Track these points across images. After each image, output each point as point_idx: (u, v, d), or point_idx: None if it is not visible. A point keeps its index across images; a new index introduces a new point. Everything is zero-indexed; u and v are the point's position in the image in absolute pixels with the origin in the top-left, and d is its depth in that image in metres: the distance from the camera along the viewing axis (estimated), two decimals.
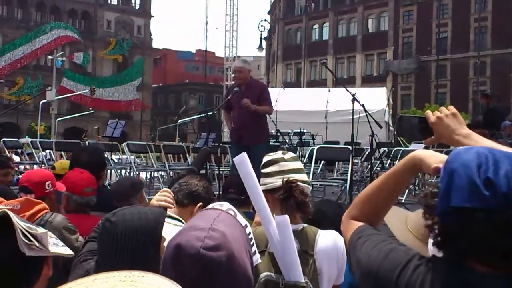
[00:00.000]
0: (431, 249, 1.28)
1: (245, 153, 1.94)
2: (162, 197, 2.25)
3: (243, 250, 1.28)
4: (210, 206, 1.44)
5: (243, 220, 1.44)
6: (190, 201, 2.46)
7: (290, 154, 2.40)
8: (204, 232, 1.22)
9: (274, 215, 1.98)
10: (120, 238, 1.67)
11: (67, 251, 1.74)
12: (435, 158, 1.33)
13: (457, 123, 1.60)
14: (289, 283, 1.95)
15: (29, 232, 1.59)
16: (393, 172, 1.44)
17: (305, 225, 2.26)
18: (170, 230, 1.67)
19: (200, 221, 1.29)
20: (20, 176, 5.12)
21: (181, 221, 2.04)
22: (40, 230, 1.66)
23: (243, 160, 1.89)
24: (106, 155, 8.57)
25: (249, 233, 1.45)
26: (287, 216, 1.90)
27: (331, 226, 2.34)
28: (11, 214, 1.61)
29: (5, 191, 3.49)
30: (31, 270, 1.63)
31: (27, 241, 1.57)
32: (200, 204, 2.41)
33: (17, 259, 1.58)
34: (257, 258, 1.55)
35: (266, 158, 2.39)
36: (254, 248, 1.54)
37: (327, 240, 2.21)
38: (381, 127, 7.59)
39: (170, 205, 2.19)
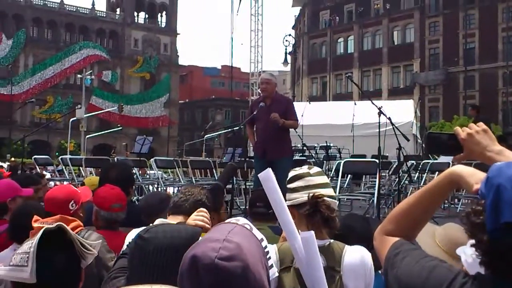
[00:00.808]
0: (467, 265, 1.26)
1: (270, 169, 1.95)
2: (200, 216, 2.24)
3: (259, 262, 1.28)
4: (226, 221, 1.46)
5: (259, 234, 1.45)
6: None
7: (316, 169, 2.37)
8: (219, 243, 1.23)
9: (299, 230, 1.98)
10: (151, 256, 1.70)
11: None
12: (476, 177, 1.30)
13: (488, 139, 1.58)
14: None
15: (86, 242, 1.71)
16: (430, 187, 1.42)
17: (332, 240, 2.24)
18: None
19: (215, 233, 1.31)
20: None
21: None
22: (90, 241, 1.77)
23: (268, 176, 1.89)
24: (134, 171, 8.66)
25: (265, 246, 1.45)
26: (312, 232, 1.89)
27: (358, 241, 2.32)
28: (67, 227, 1.70)
29: (36, 208, 3.56)
30: (77, 280, 1.74)
31: (86, 251, 1.67)
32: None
33: (71, 270, 1.67)
34: (274, 272, 1.55)
35: (291, 173, 2.37)
36: (271, 261, 1.54)
37: (354, 256, 2.18)
38: (408, 140, 7.52)
39: (207, 225, 2.18)
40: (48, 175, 11.50)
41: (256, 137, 7.16)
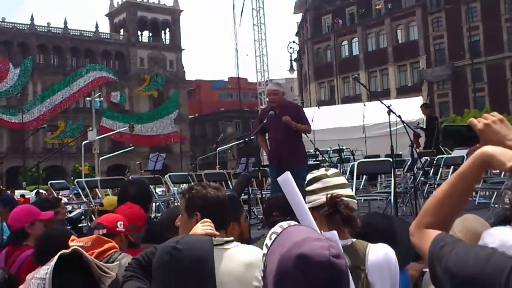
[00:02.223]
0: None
1: (289, 172, 1.97)
2: (207, 226, 2.28)
3: None
4: (277, 225, 1.47)
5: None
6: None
7: (332, 170, 2.39)
8: (326, 242, 1.26)
9: (322, 231, 1.99)
10: (189, 265, 1.75)
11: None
12: (508, 155, 1.30)
13: (506, 128, 1.57)
14: None
15: (104, 266, 1.70)
16: (463, 171, 1.40)
17: (355, 239, 2.25)
18: None
19: (304, 234, 1.32)
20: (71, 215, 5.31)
21: None
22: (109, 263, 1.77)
23: (287, 179, 1.91)
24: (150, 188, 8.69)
25: None
26: (335, 232, 1.91)
27: (381, 239, 2.33)
28: (83, 251, 1.70)
29: (62, 231, 3.61)
30: None
31: (105, 274, 1.67)
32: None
33: None
34: None
35: (309, 176, 2.39)
36: None
37: (378, 254, 2.19)
38: (432, 134, 7.48)
39: (216, 233, 2.24)
40: (64, 199, 11.60)
41: (269, 146, 7.18)
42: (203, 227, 2.28)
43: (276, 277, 1.25)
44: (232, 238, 2.46)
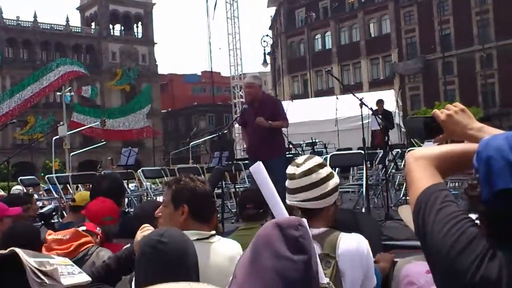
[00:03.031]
0: None
1: (261, 162, 1.96)
2: (148, 231, 2.27)
3: None
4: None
5: None
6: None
7: (303, 168, 2.32)
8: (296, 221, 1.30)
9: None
10: (173, 258, 1.76)
11: (84, 278, 1.77)
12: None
13: (467, 118, 1.60)
14: None
15: (39, 270, 1.61)
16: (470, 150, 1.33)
17: (328, 228, 2.27)
18: None
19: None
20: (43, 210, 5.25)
21: None
22: (50, 266, 1.68)
23: (258, 168, 1.91)
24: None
25: None
26: (304, 219, 1.92)
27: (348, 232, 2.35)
28: (21, 253, 1.63)
29: (27, 226, 3.55)
30: None
31: (37, 280, 1.59)
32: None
33: None
34: None
35: (287, 170, 2.39)
36: None
37: (350, 243, 2.21)
38: (391, 128, 7.56)
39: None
40: (35, 196, 11.40)
41: (247, 139, 7.17)
42: (144, 232, 2.28)
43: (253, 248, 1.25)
44: (214, 232, 2.45)
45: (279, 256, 1.16)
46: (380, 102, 12.36)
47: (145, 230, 2.29)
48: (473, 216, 1.21)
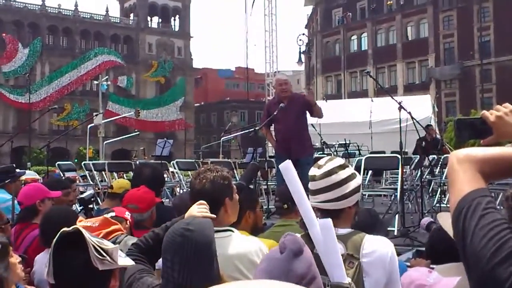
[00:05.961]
0: None
1: (289, 160, 2.02)
2: (204, 208, 2.33)
3: None
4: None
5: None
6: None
7: (323, 170, 2.32)
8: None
9: (318, 219, 2.04)
10: (200, 246, 1.80)
11: (130, 261, 1.87)
12: None
13: None
14: (334, 283, 1.96)
15: (101, 248, 1.72)
16: None
17: (353, 230, 2.30)
18: None
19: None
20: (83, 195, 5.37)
21: None
22: (110, 245, 1.78)
23: (287, 166, 1.98)
24: None
25: None
26: (330, 220, 1.96)
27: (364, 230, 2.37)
28: (83, 230, 1.73)
29: (65, 211, 3.62)
30: (101, 282, 1.75)
31: (100, 256, 1.69)
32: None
33: (89, 272, 1.70)
34: None
35: (310, 171, 2.39)
36: None
37: (375, 245, 2.23)
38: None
39: (213, 216, 2.30)
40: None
41: (276, 137, 7.23)
42: (200, 209, 2.33)
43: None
44: (229, 227, 2.52)
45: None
46: (429, 127, 11.57)
47: (202, 205, 2.36)
48: None
